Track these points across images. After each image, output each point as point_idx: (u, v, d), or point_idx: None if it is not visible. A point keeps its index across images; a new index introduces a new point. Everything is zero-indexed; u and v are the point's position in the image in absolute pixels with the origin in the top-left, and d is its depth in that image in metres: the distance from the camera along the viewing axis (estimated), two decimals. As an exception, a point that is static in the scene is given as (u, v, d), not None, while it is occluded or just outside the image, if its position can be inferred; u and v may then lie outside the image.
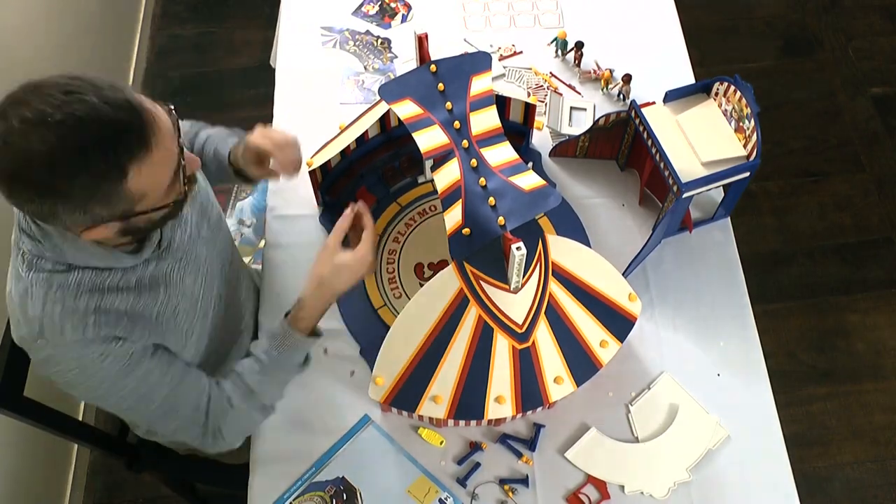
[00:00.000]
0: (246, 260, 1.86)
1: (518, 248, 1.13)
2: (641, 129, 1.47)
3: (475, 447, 1.34)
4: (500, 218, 1.18)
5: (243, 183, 1.42)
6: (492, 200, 1.20)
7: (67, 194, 0.93)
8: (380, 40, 1.80)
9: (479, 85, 1.30)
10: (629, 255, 1.45)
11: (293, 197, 1.57)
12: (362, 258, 1.24)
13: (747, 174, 1.42)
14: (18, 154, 0.90)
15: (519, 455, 1.34)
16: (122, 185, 0.95)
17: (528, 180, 1.22)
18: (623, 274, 1.38)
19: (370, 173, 1.58)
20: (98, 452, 1.28)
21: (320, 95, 1.71)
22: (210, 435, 1.24)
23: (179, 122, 1.04)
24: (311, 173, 1.48)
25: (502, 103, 1.49)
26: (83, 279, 1.07)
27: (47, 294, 1.05)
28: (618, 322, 1.30)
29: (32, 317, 1.06)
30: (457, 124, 1.27)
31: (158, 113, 0.99)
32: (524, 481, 1.32)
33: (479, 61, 1.33)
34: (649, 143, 1.45)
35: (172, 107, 1.03)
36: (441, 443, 1.35)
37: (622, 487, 1.31)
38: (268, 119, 1.69)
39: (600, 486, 1.31)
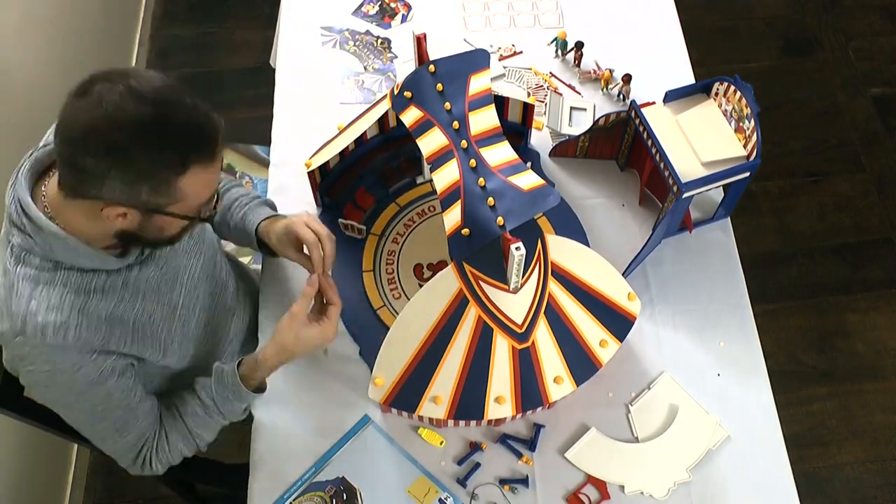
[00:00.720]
0: (245, 260, 1.86)
1: (517, 249, 1.13)
2: (641, 129, 1.47)
3: (475, 447, 1.34)
4: (500, 218, 1.18)
5: (265, 254, 1.44)
6: (491, 200, 1.19)
7: (131, 164, 0.98)
8: (380, 40, 1.80)
9: (478, 84, 1.30)
10: (629, 255, 1.45)
11: (292, 198, 1.57)
12: (326, 334, 1.24)
13: (747, 174, 1.42)
14: (109, 114, 0.95)
15: (519, 455, 1.34)
16: (177, 179, 1.01)
17: (527, 180, 1.22)
18: (623, 274, 1.38)
19: (369, 174, 1.57)
20: (98, 452, 1.28)
21: (320, 95, 1.71)
22: (140, 463, 1.27)
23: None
24: (310, 174, 1.48)
25: (500, 103, 1.49)
26: (69, 279, 1.09)
27: (33, 292, 1.06)
28: (617, 322, 1.30)
29: (16, 313, 1.06)
30: (455, 124, 1.27)
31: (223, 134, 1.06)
32: (524, 481, 1.32)
33: (477, 59, 1.32)
34: (649, 143, 1.45)
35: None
36: (441, 443, 1.34)
37: (622, 487, 1.31)
38: (268, 119, 1.69)
39: (600, 486, 1.31)
